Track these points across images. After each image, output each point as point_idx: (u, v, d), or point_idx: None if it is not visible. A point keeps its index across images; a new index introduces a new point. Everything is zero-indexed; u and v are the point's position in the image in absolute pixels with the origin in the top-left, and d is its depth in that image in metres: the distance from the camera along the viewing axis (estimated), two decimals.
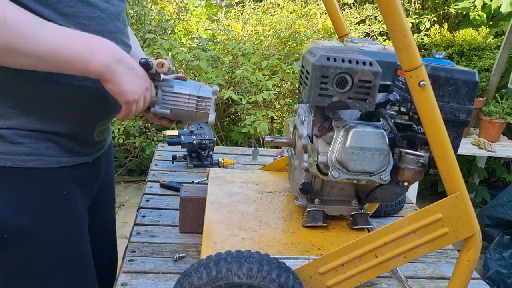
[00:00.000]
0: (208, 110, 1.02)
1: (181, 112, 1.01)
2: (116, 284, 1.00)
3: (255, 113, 3.09)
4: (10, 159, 0.86)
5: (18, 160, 0.87)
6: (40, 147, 0.89)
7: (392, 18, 0.71)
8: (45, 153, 0.90)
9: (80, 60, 0.79)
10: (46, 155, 0.90)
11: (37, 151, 0.89)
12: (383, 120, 0.91)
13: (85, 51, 0.79)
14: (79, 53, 0.79)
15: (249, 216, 1.03)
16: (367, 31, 3.84)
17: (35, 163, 0.88)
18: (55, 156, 0.91)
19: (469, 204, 0.83)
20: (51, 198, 0.93)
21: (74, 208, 0.97)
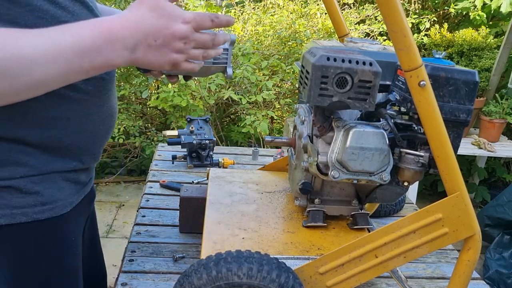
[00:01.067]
0: (226, 62, 0.89)
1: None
2: (116, 284, 1.00)
3: (255, 113, 3.09)
4: (25, 213, 0.77)
5: (34, 212, 0.78)
6: (53, 191, 0.81)
7: (392, 18, 0.71)
8: (59, 197, 0.82)
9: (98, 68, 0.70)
10: (60, 199, 0.82)
11: (52, 197, 0.81)
12: (383, 120, 0.91)
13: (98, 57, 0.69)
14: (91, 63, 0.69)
15: (249, 216, 1.03)
16: (367, 31, 3.84)
17: (50, 213, 0.81)
18: (66, 197, 0.84)
19: (469, 204, 0.83)
20: (63, 248, 0.86)
21: (78, 253, 0.92)
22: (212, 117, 3.41)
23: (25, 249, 0.81)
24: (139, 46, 0.70)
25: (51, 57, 0.66)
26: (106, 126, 0.90)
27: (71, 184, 0.86)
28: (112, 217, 3.18)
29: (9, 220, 0.76)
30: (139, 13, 0.70)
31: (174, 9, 0.71)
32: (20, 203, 0.77)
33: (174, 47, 0.72)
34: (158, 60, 0.72)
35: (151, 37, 0.70)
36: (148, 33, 0.70)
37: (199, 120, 1.74)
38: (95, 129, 0.86)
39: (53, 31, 0.68)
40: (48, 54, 0.66)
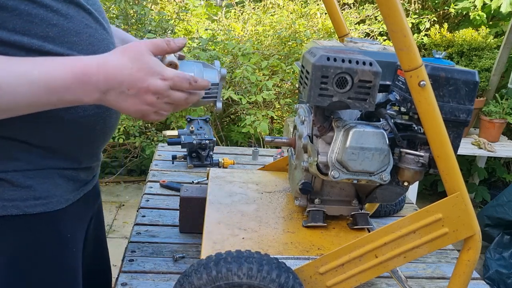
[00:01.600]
0: (215, 97, 0.90)
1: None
2: (116, 284, 1.00)
3: (255, 113, 3.09)
4: (17, 206, 0.77)
5: (26, 206, 0.78)
6: (48, 187, 0.81)
7: (392, 18, 0.71)
8: (54, 193, 0.82)
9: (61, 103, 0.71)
10: (55, 195, 0.82)
11: (46, 192, 0.80)
12: (383, 120, 0.91)
13: (65, 96, 0.70)
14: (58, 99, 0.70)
15: (249, 216, 1.03)
16: (367, 31, 3.84)
17: (43, 208, 0.80)
18: (63, 194, 0.84)
19: (469, 204, 0.83)
20: (58, 244, 0.85)
21: (75, 252, 0.91)
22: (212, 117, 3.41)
23: (18, 242, 0.80)
24: (111, 92, 0.72)
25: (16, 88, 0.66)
26: (107, 126, 0.89)
27: (69, 182, 0.85)
28: (112, 217, 3.18)
29: (0, 212, 0.77)
30: (120, 61, 0.72)
31: (156, 65, 0.73)
32: (12, 196, 0.77)
33: (145, 100, 0.73)
34: (128, 107, 0.74)
35: (125, 86, 0.71)
36: (123, 82, 0.71)
37: (199, 120, 1.74)
38: (94, 129, 0.85)
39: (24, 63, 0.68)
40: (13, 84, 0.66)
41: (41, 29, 0.72)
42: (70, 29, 0.76)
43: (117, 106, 0.74)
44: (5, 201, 0.77)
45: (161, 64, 0.75)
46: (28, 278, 0.83)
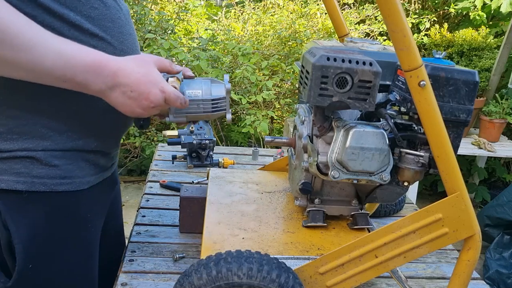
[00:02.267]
0: (225, 109, 0.98)
1: (197, 116, 0.97)
2: (116, 284, 1.00)
3: (255, 113, 3.09)
4: (44, 183, 0.84)
5: (53, 184, 0.85)
6: (73, 168, 0.88)
7: (392, 18, 0.71)
8: (78, 174, 0.89)
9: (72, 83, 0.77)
10: (78, 176, 0.89)
11: (71, 173, 0.87)
12: (383, 120, 0.91)
13: (78, 76, 0.76)
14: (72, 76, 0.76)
15: (249, 216, 1.03)
16: (367, 31, 3.84)
17: (67, 187, 0.87)
18: (85, 176, 0.90)
19: (469, 204, 0.83)
20: (78, 222, 0.92)
21: (93, 231, 0.97)
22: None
23: (43, 216, 0.87)
24: (116, 89, 0.80)
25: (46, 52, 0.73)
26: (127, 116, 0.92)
27: (90, 165, 0.92)
28: None
29: (29, 187, 0.84)
30: (131, 66, 0.81)
31: (159, 77, 0.84)
32: (40, 173, 0.84)
33: (142, 104, 0.82)
34: (124, 106, 0.82)
35: (129, 88, 0.80)
36: (129, 84, 0.80)
37: None
38: (117, 118, 0.90)
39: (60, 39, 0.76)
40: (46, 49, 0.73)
41: (85, 9, 0.82)
42: (107, 15, 0.87)
43: (115, 102, 0.82)
44: (34, 178, 0.84)
45: (163, 79, 0.85)
46: (49, 250, 0.89)
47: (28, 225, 0.85)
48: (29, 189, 0.83)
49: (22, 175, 0.83)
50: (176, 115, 0.95)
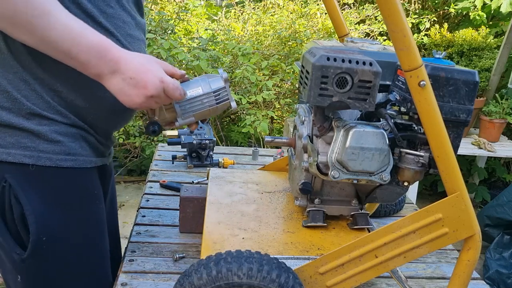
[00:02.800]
0: (228, 98, 1.00)
1: (204, 112, 0.99)
2: (116, 284, 1.00)
3: (255, 113, 3.09)
4: (50, 158, 0.88)
5: (58, 159, 0.88)
6: (76, 146, 0.91)
7: (392, 18, 0.71)
8: (81, 152, 0.92)
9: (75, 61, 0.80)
10: (82, 154, 0.92)
11: (74, 150, 0.91)
12: (383, 120, 0.91)
13: (82, 54, 0.79)
14: (76, 53, 0.79)
15: (249, 216, 1.03)
16: (367, 31, 3.84)
17: (72, 163, 0.90)
18: (88, 155, 0.94)
19: (469, 204, 0.83)
20: (86, 197, 0.96)
21: (101, 207, 1.01)
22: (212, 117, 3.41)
23: (53, 190, 0.90)
24: (116, 74, 0.82)
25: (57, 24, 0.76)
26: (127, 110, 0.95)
27: (91, 148, 0.96)
28: None
29: (35, 161, 0.87)
30: (134, 56, 0.84)
31: (159, 69, 0.86)
32: (46, 148, 0.87)
33: (140, 93, 0.84)
34: (122, 94, 0.84)
35: (129, 74, 0.82)
36: (129, 70, 0.82)
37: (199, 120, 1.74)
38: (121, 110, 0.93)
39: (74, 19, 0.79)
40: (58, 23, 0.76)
41: (102, 5, 0.88)
42: (121, 16, 0.92)
43: (114, 88, 0.84)
44: (40, 152, 0.87)
45: (163, 71, 0.87)
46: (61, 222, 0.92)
47: (39, 198, 0.88)
48: (35, 162, 0.87)
49: (29, 149, 0.86)
50: (184, 116, 0.98)
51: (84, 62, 0.80)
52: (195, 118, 0.99)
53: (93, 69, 0.81)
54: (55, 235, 0.91)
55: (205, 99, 0.98)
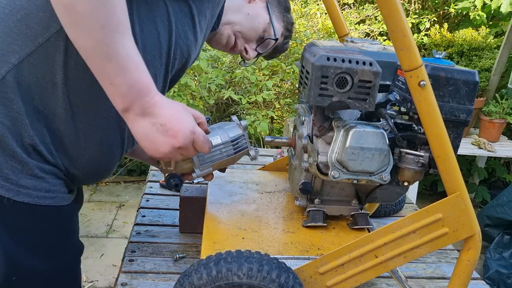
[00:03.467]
0: (246, 147, 0.99)
1: (222, 162, 0.98)
2: (116, 284, 1.00)
3: (255, 113, 3.09)
4: (29, 195, 0.82)
5: (37, 196, 0.83)
6: (56, 183, 0.87)
7: (392, 18, 0.71)
8: (60, 189, 0.88)
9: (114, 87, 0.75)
10: (60, 192, 0.88)
11: (54, 187, 0.86)
12: (383, 120, 0.91)
13: (125, 85, 0.74)
14: (121, 82, 0.74)
15: (249, 216, 1.03)
16: (367, 31, 3.84)
17: (51, 201, 0.86)
18: (65, 192, 0.90)
19: (469, 204, 0.83)
20: (62, 235, 0.92)
21: (76, 242, 0.97)
22: (212, 117, 3.41)
23: (25, 228, 0.85)
24: (147, 117, 0.77)
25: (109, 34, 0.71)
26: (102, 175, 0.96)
27: (65, 184, 0.91)
28: (112, 217, 3.18)
29: (13, 195, 0.81)
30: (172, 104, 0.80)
31: (191, 120, 0.82)
32: (28, 184, 0.82)
33: (167, 142, 0.79)
34: (148, 140, 0.79)
35: (160, 121, 0.78)
36: (162, 116, 0.78)
37: None
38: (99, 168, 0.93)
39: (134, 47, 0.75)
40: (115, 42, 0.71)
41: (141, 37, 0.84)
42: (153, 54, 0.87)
43: (140, 132, 0.79)
44: (20, 187, 0.82)
45: (194, 121, 0.83)
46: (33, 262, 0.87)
47: (9, 236, 0.83)
48: (12, 197, 0.81)
49: (9, 181, 0.81)
50: (202, 167, 0.96)
51: (122, 93, 0.75)
52: (212, 168, 0.98)
53: (125, 103, 0.76)
54: (26, 275, 0.86)
55: (223, 149, 0.96)
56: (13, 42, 0.78)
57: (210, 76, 2.99)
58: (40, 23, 0.78)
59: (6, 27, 0.79)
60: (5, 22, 0.79)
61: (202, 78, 3.01)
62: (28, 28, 0.78)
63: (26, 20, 0.78)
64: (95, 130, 0.87)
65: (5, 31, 0.79)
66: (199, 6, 0.91)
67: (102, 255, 2.67)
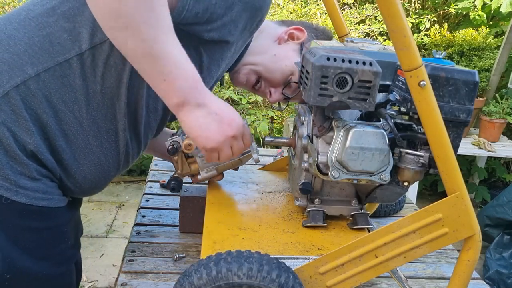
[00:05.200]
0: (249, 151, 1.00)
1: (226, 165, 1.00)
2: (116, 284, 1.01)
3: (255, 113, 3.09)
4: (27, 195, 0.84)
5: (34, 197, 0.85)
6: (52, 185, 0.89)
7: (392, 18, 0.71)
8: (55, 191, 0.90)
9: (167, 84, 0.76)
10: (56, 194, 0.90)
11: (51, 189, 0.88)
12: (383, 120, 0.91)
13: (179, 80, 0.76)
14: (174, 77, 0.76)
15: (249, 216, 1.03)
16: (367, 31, 3.84)
17: (47, 202, 0.88)
18: (60, 194, 0.91)
19: (469, 204, 0.83)
20: (56, 236, 0.93)
21: (70, 243, 0.98)
22: None
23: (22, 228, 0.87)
24: (202, 108, 0.80)
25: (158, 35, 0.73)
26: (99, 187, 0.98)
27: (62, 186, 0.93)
28: (112, 217, 3.18)
29: (11, 195, 0.83)
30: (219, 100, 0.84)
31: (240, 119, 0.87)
32: (26, 185, 0.84)
33: (222, 130, 0.83)
34: (203, 128, 0.81)
35: (215, 110, 0.81)
36: (216, 107, 0.81)
37: None
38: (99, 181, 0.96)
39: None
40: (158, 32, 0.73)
41: None
42: None
43: (194, 122, 0.81)
44: (18, 187, 0.83)
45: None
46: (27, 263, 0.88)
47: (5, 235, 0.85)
48: (10, 196, 0.83)
49: (9, 181, 0.82)
50: (207, 170, 0.99)
51: (176, 88, 0.77)
52: (217, 171, 1.00)
53: (181, 98, 0.77)
54: (21, 274, 0.88)
55: None
56: (33, 55, 0.82)
57: None
58: (63, 43, 0.82)
59: (30, 39, 0.82)
60: (30, 33, 0.83)
61: None
62: (51, 45, 0.82)
63: (51, 38, 0.82)
64: (94, 150, 0.90)
65: (28, 43, 0.82)
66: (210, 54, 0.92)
67: (102, 255, 2.67)
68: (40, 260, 0.90)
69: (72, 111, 0.85)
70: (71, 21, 0.82)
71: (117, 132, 0.91)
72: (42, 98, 0.83)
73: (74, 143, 0.88)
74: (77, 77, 0.83)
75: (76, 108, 0.85)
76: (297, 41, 1.14)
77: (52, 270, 0.93)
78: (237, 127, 0.84)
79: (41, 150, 0.85)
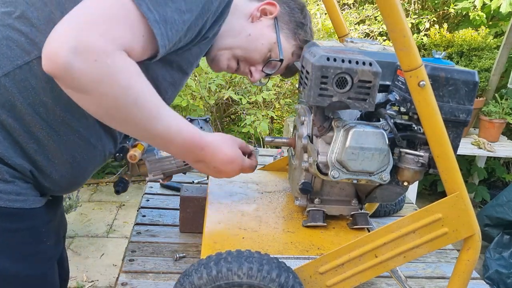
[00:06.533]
0: None
1: (172, 171, 1.10)
2: (116, 283, 1.01)
3: (255, 113, 3.09)
4: (0, 198, 0.84)
5: (8, 200, 0.85)
6: (26, 186, 0.89)
7: (392, 18, 0.72)
8: (30, 192, 0.90)
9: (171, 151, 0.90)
10: (31, 194, 0.90)
11: (25, 190, 0.88)
12: (383, 120, 0.91)
13: (174, 149, 0.87)
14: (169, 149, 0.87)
15: (249, 216, 1.03)
16: (367, 31, 3.84)
17: (22, 204, 0.88)
18: (36, 195, 0.91)
19: (469, 204, 0.84)
20: (34, 237, 0.93)
21: (48, 244, 0.97)
22: (212, 117, 3.42)
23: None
24: (200, 163, 0.92)
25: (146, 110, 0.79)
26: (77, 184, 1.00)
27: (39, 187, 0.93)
28: (112, 217, 3.18)
29: None
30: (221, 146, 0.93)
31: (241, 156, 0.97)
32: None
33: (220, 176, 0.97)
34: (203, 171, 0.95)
35: (213, 165, 0.92)
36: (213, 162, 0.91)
37: (199, 120, 1.74)
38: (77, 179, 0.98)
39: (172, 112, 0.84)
40: (149, 110, 0.79)
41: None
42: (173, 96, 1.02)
43: (198, 168, 0.94)
44: None
45: (241, 154, 0.97)
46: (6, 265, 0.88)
47: None
48: None
49: None
50: (154, 174, 1.08)
51: (177, 154, 0.92)
52: (164, 176, 1.09)
53: (182, 158, 0.97)
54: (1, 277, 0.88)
55: (173, 160, 1.08)
56: None
57: (210, 76, 2.99)
58: (21, 47, 0.82)
59: None
60: None
61: (202, 78, 3.01)
62: (10, 49, 0.82)
63: (8, 42, 0.82)
64: (68, 149, 0.91)
65: None
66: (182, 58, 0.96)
67: (103, 254, 2.67)
68: (18, 261, 0.90)
69: (39, 114, 0.84)
70: (27, 25, 0.82)
71: (88, 129, 0.91)
72: (6, 103, 0.82)
73: (46, 144, 0.88)
74: (39, 79, 0.82)
75: (42, 111, 0.85)
76: (270, 16, 1.10)
77: (32, 270, 0.92)
78: (232, 175, 0.96)
79: (9, 155, 0.84)
